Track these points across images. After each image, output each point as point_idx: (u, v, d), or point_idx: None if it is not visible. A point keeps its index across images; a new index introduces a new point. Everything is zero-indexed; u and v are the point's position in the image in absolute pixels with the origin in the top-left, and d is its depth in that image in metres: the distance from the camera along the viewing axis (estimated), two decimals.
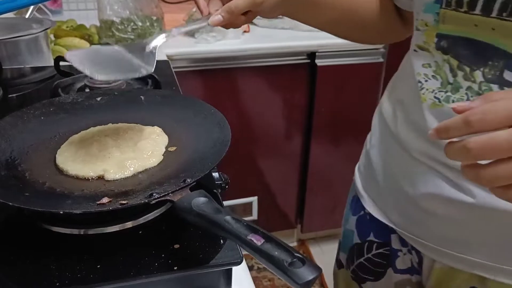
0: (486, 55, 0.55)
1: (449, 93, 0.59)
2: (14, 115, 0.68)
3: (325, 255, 2.00)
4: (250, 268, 1.92)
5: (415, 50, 0.65)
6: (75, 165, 0.59)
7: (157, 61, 0.63)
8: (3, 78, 1.02)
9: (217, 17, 0.65)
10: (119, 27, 1.46)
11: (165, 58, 1.30)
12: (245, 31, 1.61)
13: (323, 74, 1.61)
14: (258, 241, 0.43)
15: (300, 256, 0.40)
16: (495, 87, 0.55)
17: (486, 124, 0.39)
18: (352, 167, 2.00)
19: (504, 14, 0.51)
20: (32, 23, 1.17)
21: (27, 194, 0.53)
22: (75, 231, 0.54)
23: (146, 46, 0.63)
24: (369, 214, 0.79)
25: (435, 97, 0.61)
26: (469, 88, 0.57)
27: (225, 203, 0.66)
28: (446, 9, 0.57)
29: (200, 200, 0.49)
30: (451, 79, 0.59)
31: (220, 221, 0.46)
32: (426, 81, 0.63)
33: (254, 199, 1.83)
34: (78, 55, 0.61)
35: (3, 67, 1.02)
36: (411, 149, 0.67)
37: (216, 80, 1.55)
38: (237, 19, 0.67)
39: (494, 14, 0.52)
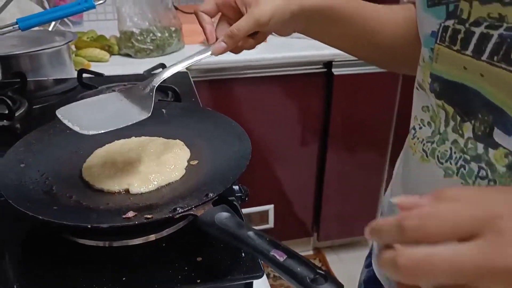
0: (475, 105, 0.47)
1: (435, 145, 0.53)
2: (40, 130, 0.70)
3: (342, 264, 1.99)
4: (267, 276, 1.92)
5: (416, 88, 0.58)
6: (100, 179, 0.61)
7: (177, 72, 0.63)
8: (27, 91, 1.04)
9: (219, 44, 0.60)
10: (139, 38, 1.48)
11: (184, 70, 1.31)
12: None
13: (339, 83, 1.61)
14: (280, 256, 0.43)
15: (322, 272, 0.41)
16: (480, 147, 0.46)
17: (424, 234, 0.29)
18: (368, 175, 2.00)
19: (495, 58, 0.43)
20: (55, 35, 1.21)
21: (55, 207, 0.55)
22: (100, 243, 0.56)
23: (144, 89, 0.62)
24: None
25: (423, 149, 0.54)
26: (454, 142, 0.50)
27: (242, 211, 0.66)
28: (440, 45, 0.50)
29: (222, 215, 0.50)
30: (442, 129, 0.52)
31: (243, 236, 0.47)
32: (420, 128, 0.56)
33: (270, 207, 1.83)
34: (68, 111, 0.60)
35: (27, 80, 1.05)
36: (393, 205, 0.61)
37: (233, 89, 1.56)
38: (245, 43, 0.62)
39: (485, 57, 0.44)
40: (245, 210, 1.79)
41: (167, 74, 0.63)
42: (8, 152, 0.63)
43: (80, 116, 0.58)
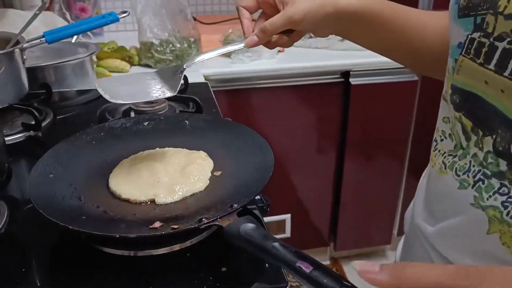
0: (494, 121, 0.46)
1: (456, 159, 0.52)
2: (67, 141, 0.71)
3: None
4: None
5: (441, 99, 0.57)
6: (127, 189, 0.62)
7: (196, 83, 0.65)
8: (51, 101, 1.07)
9: (252, 37, 0.63)
10: (158, 48, 1.50)
11: (204, 80, 1.33)
12: (279, 51, 1.64)
13: (357, 92, 1.61)
14: (306, 268, 0.44)
15: (348, 284, 0.41)
16: (503, 164, 0.45)
17: None
18: (385, 184, 1.98)
19: None
20: (78, 47, 1.23)
21: (84, 217, 0.56)
22: (125, 253, 0.57)
23: (175, 70, 0.66)
24: None
25: (443, 162, 0.54)
26: (474, 155, 0.49)
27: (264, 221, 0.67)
28: (465, 57, 0.49)
29: (248, 226, 0.50)
30: (464, 143, 0.51)
31: (269, 247, 0.47)
32: (442, 140, 0.56)
33: (287, 217, 1.83)
34: (104, 82, 0.68)
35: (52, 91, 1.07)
36: (414, 224, 0.62)
37: (251, 99, 1.57)
38: (280, 39, 0.64)
39: (507, 72, 0.43)
40: None
41: (199, 59, 0.65)
42: (37, 163, 0.65)
43: (114, 88, 0.64)
